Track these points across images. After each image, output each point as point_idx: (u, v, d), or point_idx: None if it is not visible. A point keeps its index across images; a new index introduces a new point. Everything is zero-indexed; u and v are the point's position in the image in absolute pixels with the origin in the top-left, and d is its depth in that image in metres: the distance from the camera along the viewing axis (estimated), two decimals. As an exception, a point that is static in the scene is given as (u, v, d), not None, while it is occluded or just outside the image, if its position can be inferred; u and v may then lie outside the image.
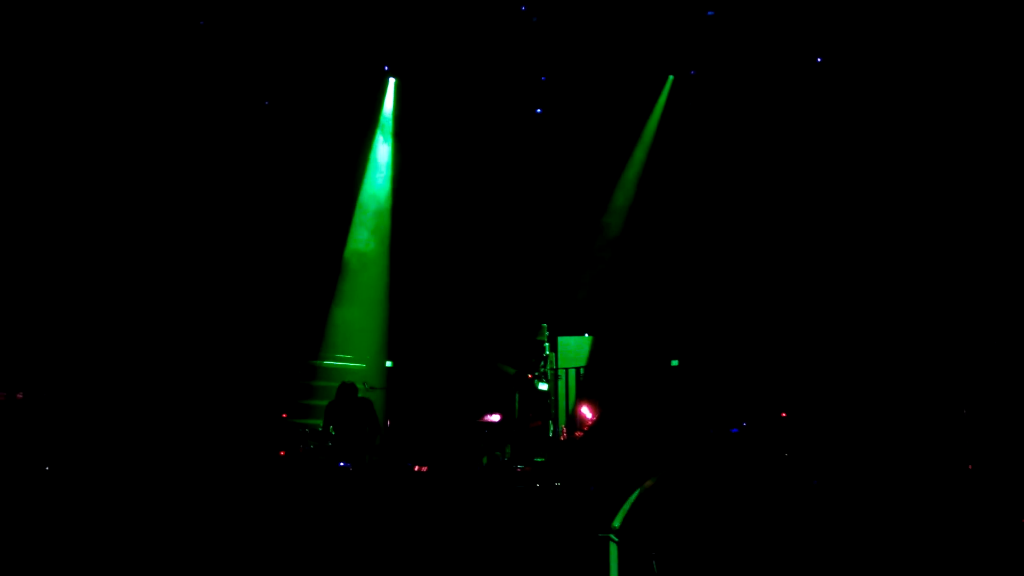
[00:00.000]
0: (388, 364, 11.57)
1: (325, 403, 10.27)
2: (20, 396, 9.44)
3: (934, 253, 9.97)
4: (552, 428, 10.33)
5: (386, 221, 12.70)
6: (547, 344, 10.60)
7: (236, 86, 11.27)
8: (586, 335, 11.65)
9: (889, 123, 10.41)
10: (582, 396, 11.80)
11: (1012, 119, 9.40)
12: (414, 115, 12.36)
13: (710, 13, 10.46)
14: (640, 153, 12.44)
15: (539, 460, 9.90)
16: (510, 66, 10.97)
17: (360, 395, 9.93)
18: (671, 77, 12.10)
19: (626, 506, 7.28)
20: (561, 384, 12.25)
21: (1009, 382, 9.18)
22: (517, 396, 10.54)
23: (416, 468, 9.64)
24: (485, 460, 9.01)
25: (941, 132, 9.96)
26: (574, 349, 11.39)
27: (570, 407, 12.06)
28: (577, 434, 10.47)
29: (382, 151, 12.56)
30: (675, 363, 11.37)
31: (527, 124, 12.20)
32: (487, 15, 10.64)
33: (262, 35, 10.76)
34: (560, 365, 10.93)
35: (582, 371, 10.91)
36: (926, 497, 7.95)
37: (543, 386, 10.38)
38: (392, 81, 12.29)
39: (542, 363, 10.42)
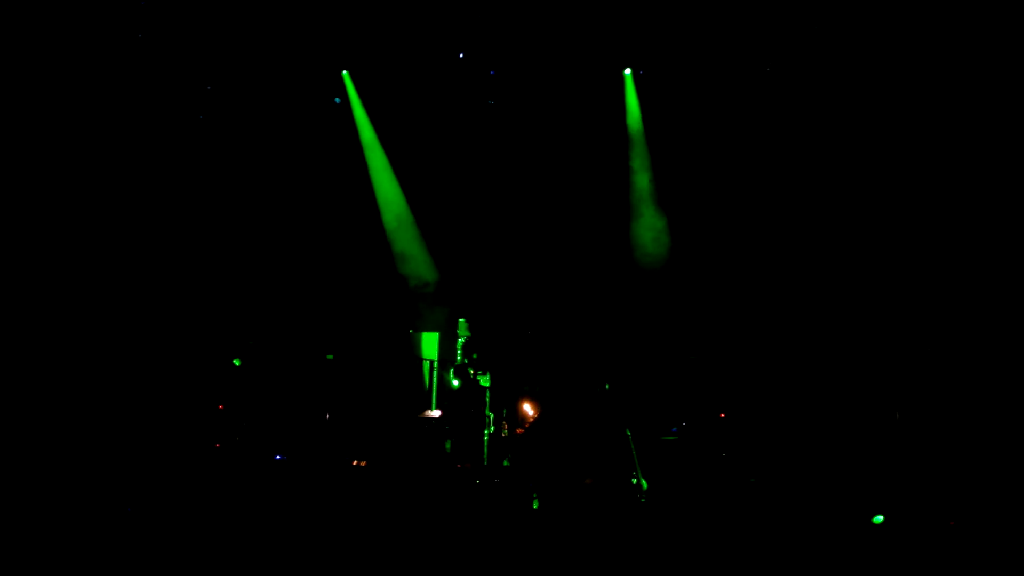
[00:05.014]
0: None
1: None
2: None
3: (873, 258, 10.20)
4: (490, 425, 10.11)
5: None
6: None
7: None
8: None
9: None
10: (523, 393, 11.70)
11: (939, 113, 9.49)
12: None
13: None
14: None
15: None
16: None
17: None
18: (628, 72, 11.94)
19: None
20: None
21: (941, 390, 9.41)
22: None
23: (355, 463, 9.50)
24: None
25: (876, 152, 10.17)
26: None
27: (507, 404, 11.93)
28: (518, 431, 10.42)
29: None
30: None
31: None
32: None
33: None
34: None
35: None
36: (862, 497, 8.11)
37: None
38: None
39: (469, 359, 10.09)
